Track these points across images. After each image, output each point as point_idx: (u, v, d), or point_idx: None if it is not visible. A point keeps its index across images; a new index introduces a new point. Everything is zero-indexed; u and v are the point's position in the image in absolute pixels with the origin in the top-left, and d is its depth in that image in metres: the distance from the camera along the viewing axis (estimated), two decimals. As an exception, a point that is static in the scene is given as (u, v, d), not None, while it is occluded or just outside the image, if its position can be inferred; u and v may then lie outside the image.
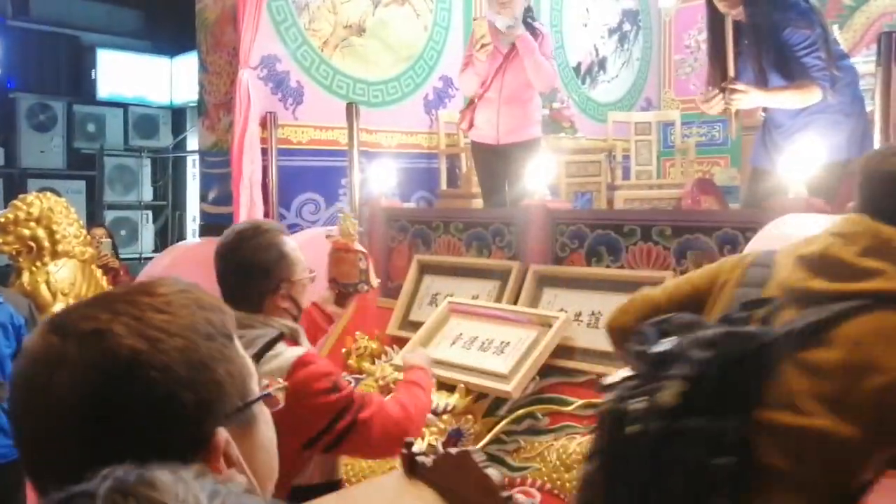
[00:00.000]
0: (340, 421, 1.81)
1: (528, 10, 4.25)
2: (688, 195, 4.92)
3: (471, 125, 4.32)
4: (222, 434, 0.76)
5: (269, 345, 1.49)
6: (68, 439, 0.71)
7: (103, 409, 0.71)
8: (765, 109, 3.37)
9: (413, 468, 1.37)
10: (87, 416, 0.71)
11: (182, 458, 0.65)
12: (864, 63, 4.37)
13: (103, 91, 8.95)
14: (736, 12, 3.17)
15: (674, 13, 6.91)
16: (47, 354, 0.73)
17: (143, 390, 0.72)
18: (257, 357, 1.45)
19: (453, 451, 1.34)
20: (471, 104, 4.35)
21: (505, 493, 1.23)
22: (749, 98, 3.18)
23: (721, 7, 3.19)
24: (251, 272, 1.92)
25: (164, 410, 0.72)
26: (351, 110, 4.18)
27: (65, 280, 3.81)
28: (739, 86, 3.15)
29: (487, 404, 2.84)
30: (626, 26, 6.67)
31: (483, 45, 4.01)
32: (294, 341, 1.94)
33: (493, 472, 1.27)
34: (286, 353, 1.82)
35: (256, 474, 0.80)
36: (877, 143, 2.71)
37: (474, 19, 4.58)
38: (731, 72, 3.20)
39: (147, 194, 9.15)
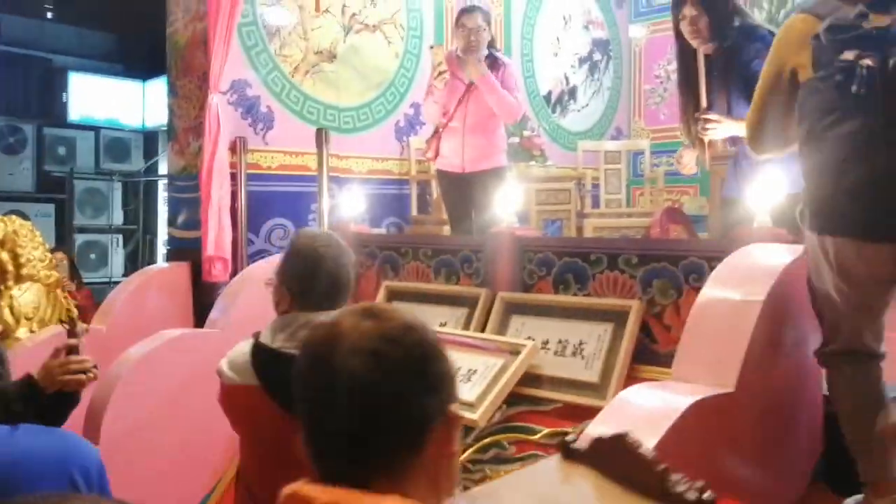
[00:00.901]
0: None
1: (492, 41, 4.28)
2: (657, 224, 4.95)
3: (436, 154, 4.33)
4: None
5: None
6: None
7: None
8: (734, 143, 3.41)
9: (569, 453, 1.48)
10: None
11: None
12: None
13: (74, 114, 8.89)
14: (705, 47, 3.22)
15: (643, 43, 7.00)
16: None
17: None
18: None
19: (607, 435, 1.43)
20: (436, 133, 4.36)
21: (660, 468, 1.31)
22: (722, 128, 3.21)
23: (692, 42, 3.24)
24: (337, 285, 2.02)
25: None
26: (321, 136, 4.18)
27: (28, 304, 3.75)
28: (713, 116, 3.19)
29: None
30: (597, 56, 6.75)
31: (440, 73, 4.04)
32: None
33: (648, 450, 1.36)
34: None
35: None
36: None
37: (430, 47, 4.60)
38: (704, 103, 3.24)
39: (118, 218, 9.07)
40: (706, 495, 1.23)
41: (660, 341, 2.80)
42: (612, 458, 1.39)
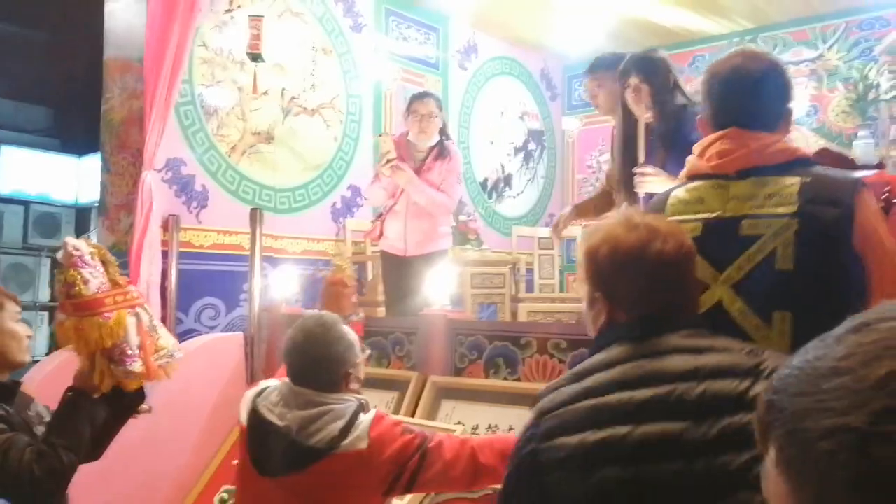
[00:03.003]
0: (414, 456, 2.01)
1: (443, 128, 4.34)
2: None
3: (380, 235, 4.34)
4: None
5: (354, 417, 2.00)
6: None
7: None
8: None
9: None
10: None
11: None
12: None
13: (5, 187, 8.70)
14: (647, 115, 3.36)
15: (576, 134, 7.23)
16: None
17: None
18: (347, 427, 1.97)
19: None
20: (380, 215, 4.39)
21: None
22: (658, 181, 3.31)
23: (634, 109, 3.38)
24: (312, 361, 2.14)
25: None
26: (255, 215, 4.16)
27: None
28: (648, 169, 3.29)
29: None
30: (532, 145, 6.93)
31: (387, 161, 4.07)
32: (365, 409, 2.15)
33: None
34: (364, 419, 2.04)
35: None
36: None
37: (378, 135, 4.67)
38: (642, 158, 3.36)
39: (44, 295, 8.80)
40: None
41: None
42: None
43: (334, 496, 1.99)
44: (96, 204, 8.34)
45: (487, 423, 2.99)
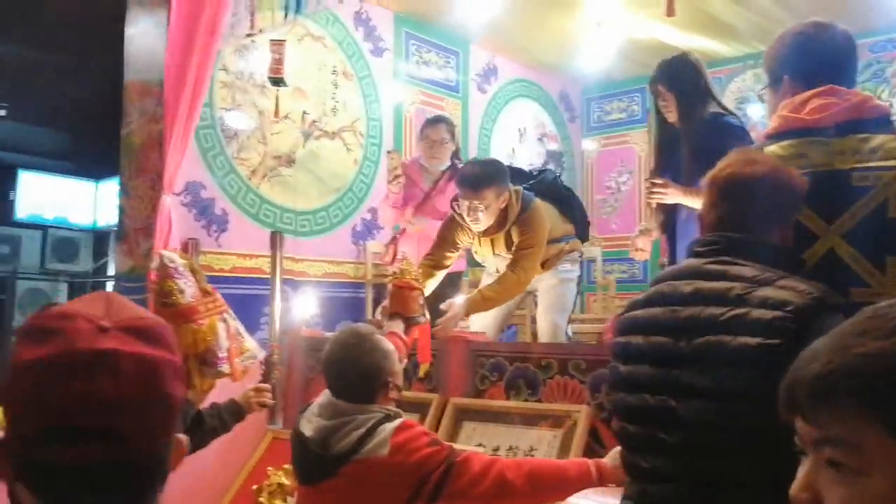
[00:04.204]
0: (438, 468, 2.00)
1: (456, 152, 4.36)
2: (609, 329, 4.96)
3: (394, 258, 4.34)
4: None
5: (375, 426, 2.02)
6: None
7: None
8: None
9: None
10: None
11: None
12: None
13: (22, 212, 8.76)
14: (677, 123, 3.32)
15: (595, 156, 7.22)
16: None
17: None
18: (366, 435, 1.99)
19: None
20: (394, 239, 4.39)
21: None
22: (669, 194, 3.27)
23: (668, 118, 3.35)
24: (346, 374, 2.20)
25: None
26: (275, 239, 4.15)
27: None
28: (659, 181, 3.26)
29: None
30: (551, 167, 6.92)
31: (395, 178, 4.09)
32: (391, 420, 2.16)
33: None
34: (388, 426, 2.06)
35: None
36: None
37: (388, 152, 4.66)
38: (653, 165, 3.34)
39: (62, 319, 8.83)
40: None
41: (607, 446, 2.76)
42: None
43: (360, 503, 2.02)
44: (114, 228, 8.41)
45: (508, 445, 2.95)
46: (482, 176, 3.48)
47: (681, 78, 3.29)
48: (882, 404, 0.65)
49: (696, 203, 3.27)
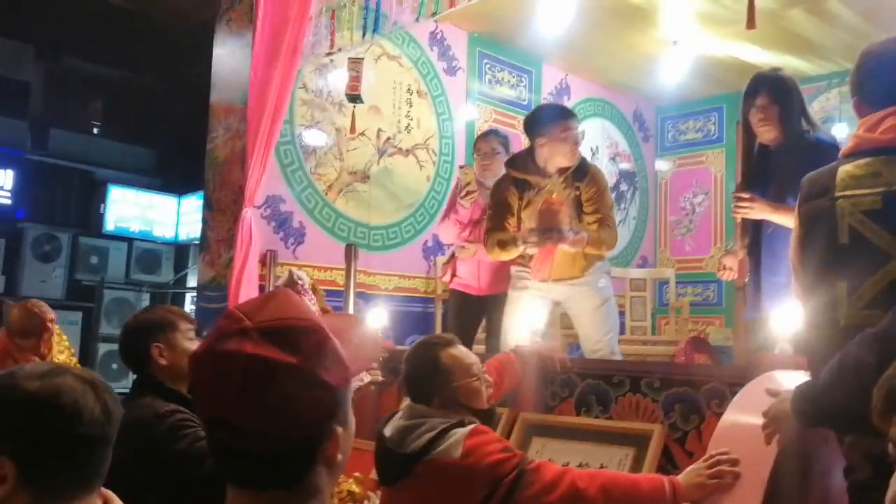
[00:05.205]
0: (511, 473, 2.01)
1: None
2: (682, 353, 4.92)
3: (453, 276, 4.32)
4: None
5: (447, 430, 2.05)
6: None
7: None
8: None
9: None
10: None
11: None
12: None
13: (110, 224, 9.13)
14: (771, 138, 3.28)
15: (669, 176, 7.15)
16: None
17: None
18: (438, 436, 2.04)
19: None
20: (452, 257, 4.37)
21: None
22: (756, 209, 3.22)
23: (758, 130, 3.30)
24: (416, 380, 2.33)
25: None
26: (350, 252, 4.23)
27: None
28: (745, 195, 3.21)
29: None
30: (623, 186, 6.88)
31: (468, 193, 4.07)
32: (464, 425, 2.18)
33: None
34: (461, 430, 2.09)
35: None
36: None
37: (460, 167, 4.68)
38: (739, 178, 3.30)
39: (143, 328, 9.12)
40: None
41: (681, 467, 2.72)
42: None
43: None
44: (195, 241, 8.68)
45: (578, 462, 2.93)
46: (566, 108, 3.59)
47: (786, 92, 3.25)
48: None
49: (784, 220, 3.22)
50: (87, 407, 1.22)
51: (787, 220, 3.21)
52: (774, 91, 3.23)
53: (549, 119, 3.81)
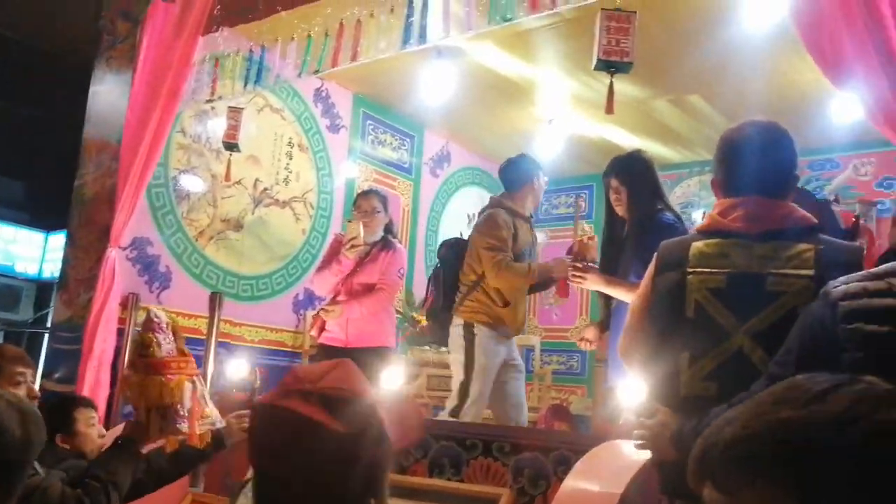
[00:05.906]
0: None
1: (389, 226, 4.33)
2: (542, 420, 5.03)
3: (321, 331, 4.25)
4: None
5: None
6: None
7: None
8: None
9: None
10: None
11: None
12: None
13: (-32, 258, 8.68)
14: (624, 216, 3.46)
15: (542, 248, 7.34)
16: None
17: None
18: None
19: None
20: (320, 311, 4.31)
21: None
22: (589, 280, 3.39)
23: (617, 211, 3.48)
24: None
25: None
26: (214, 299, 4.16)
27: None
28: (578, 265, 3.37)
29: None
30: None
31: (353, 246, 4.04)
32: None
33: None
34: None
35: None
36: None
37: (348, 221, 4.67)
38: (575, 248, 3.46)
39: (-6, 368, 8.62)
40: None
41: (525, 531, 2.80)
42: None
43: None
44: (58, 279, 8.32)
45: (426, 523, 2.96)
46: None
47: (633, 173, 3.45)
48: (795, 473, 0.65)
49: (617, 293, 3.40)
50: (8, 429, 1.23)
51: (620, 293, 3.39)
52: (624, 171, 3.45)
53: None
